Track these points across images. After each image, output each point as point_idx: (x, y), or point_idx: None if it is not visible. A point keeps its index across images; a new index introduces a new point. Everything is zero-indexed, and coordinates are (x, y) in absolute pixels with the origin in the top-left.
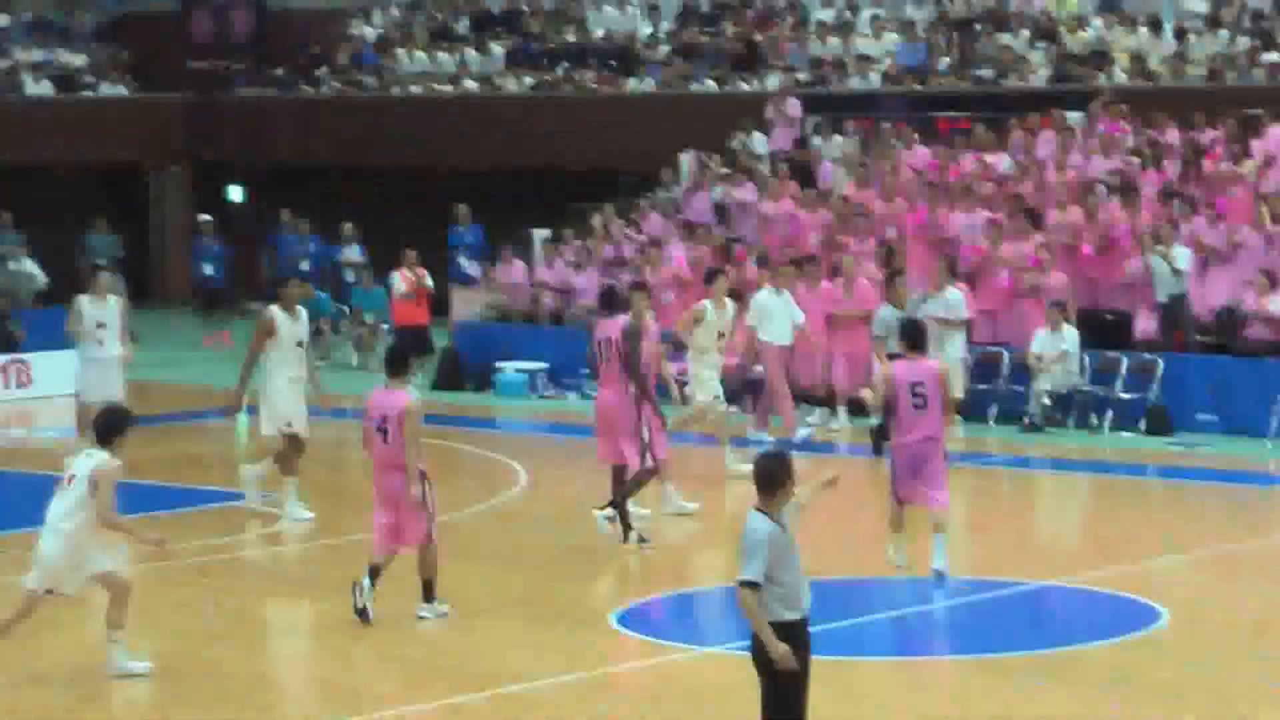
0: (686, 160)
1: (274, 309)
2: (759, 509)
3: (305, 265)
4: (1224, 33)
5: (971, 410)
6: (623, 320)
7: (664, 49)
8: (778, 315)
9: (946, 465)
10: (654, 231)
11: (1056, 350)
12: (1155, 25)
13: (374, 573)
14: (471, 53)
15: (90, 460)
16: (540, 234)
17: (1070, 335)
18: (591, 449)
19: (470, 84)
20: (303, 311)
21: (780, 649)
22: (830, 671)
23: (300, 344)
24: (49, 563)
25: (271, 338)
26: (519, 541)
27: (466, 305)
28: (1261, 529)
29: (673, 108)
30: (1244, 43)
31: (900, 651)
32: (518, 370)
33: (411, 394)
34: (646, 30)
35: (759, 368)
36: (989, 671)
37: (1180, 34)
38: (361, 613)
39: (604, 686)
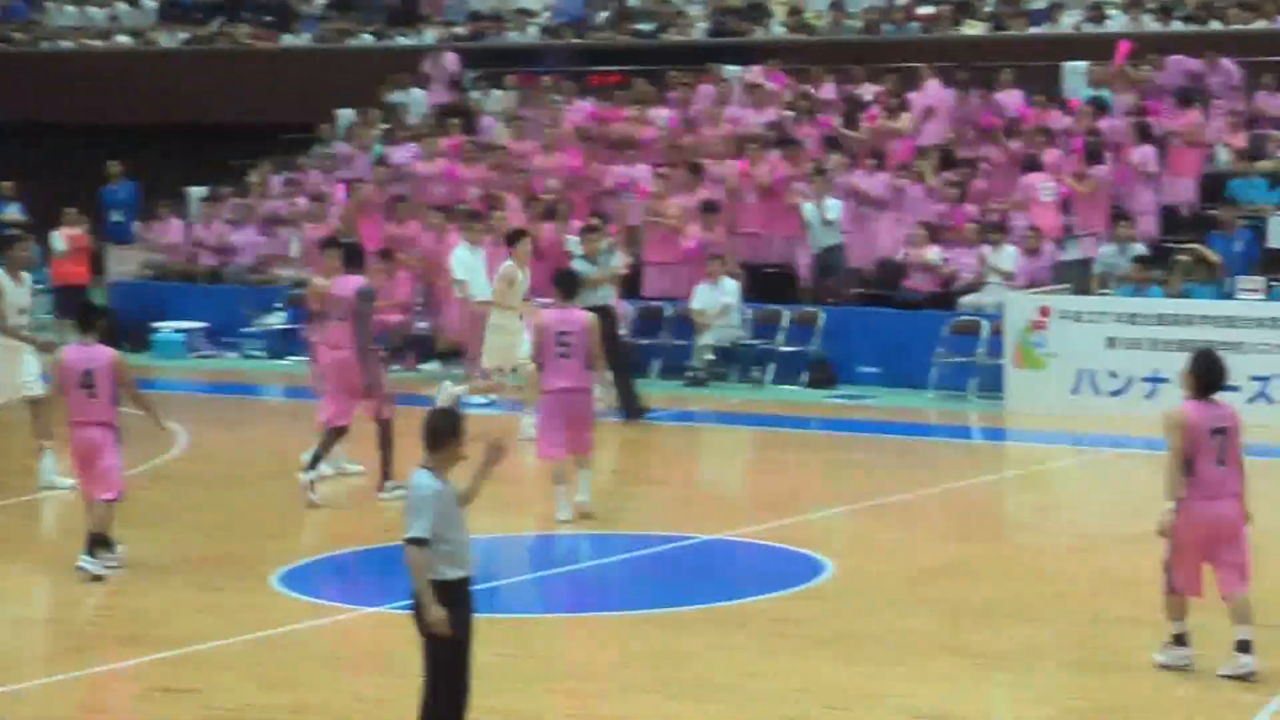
0: (345, 116)
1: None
2: (426, 466)
3: None
4: None
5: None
6: (359, 280)
7: (320, 3)
8: (477, 271)
9: (594, 414)
10: (314, 187)
11: (717, 304)
12: None
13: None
14: (123, 6)
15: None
16: (197, 192)
17: (731, 288)
18: (250, 409)
19: (123, 38)
20: (27, 276)
21: (437, 613)
22: (500, 629)
23: (23, 311)
24: None
25: (2, 301)
26: (180, 503)
27: (122, 264)
28: (924, 480)
29: (330, 62)
30: None
31: (571, 608)
32: (175, 330)
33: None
34: None
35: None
36: (660, 625)
37: None
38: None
39: (266, 647)
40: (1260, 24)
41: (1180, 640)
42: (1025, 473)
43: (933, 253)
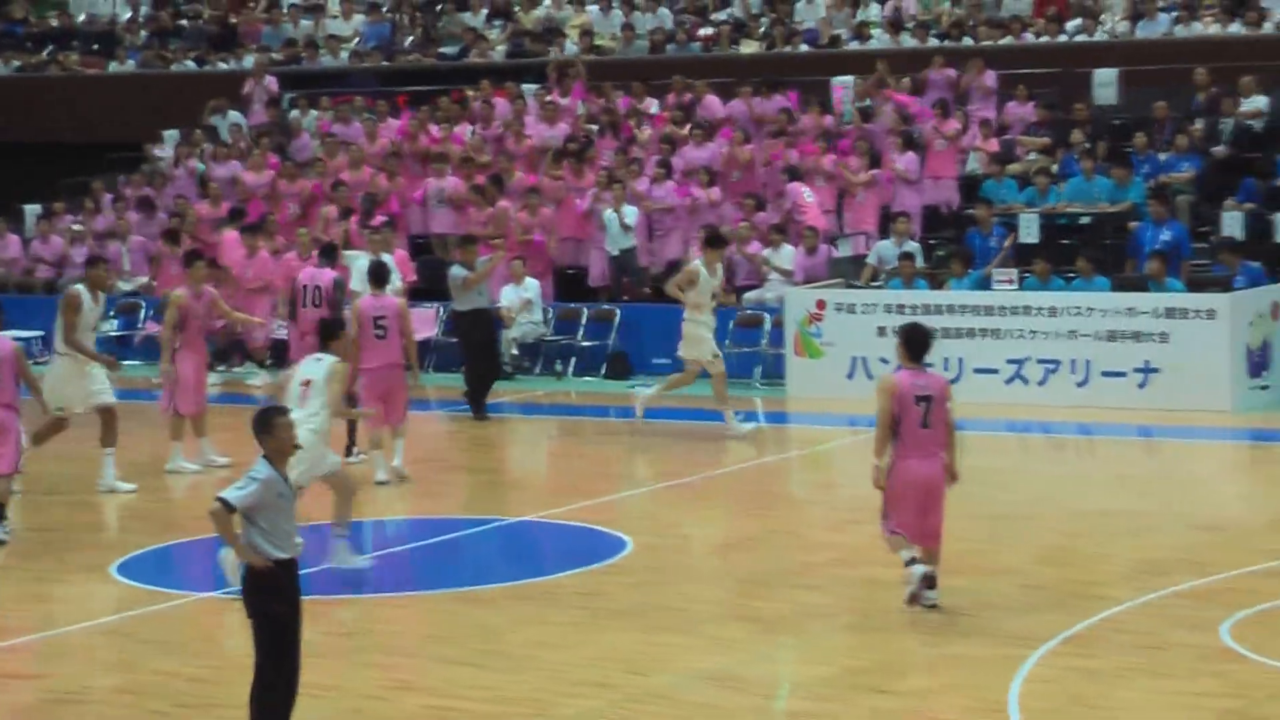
0: (170, 136)
1: (80, 288)
2: (264, 455)
3: None
4: (664, 10)
5: (445, 362)
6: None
7: (144, 33)
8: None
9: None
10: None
11: (521, 301)
12: (605, 2)
13: None
14: None
15: (320, 364)
16: (32, 209)
17: (533, 287)
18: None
19: None
20: (103, 296)
21: (256, 557)
22: (322, 608)
23: (93, 329)
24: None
25: (78, 315)
26: (21, 500)
27: None
28: (714, 462)
29: (153, 86)
30: (685, 19)
31: (389, 588)
32: (15, 338)
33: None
34: (126, 14)
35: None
36: (471, 602)
37: (626, 9)
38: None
39: (106, 634)
40: (1008, 40)
41: (915, 561)
42: (806, 453)
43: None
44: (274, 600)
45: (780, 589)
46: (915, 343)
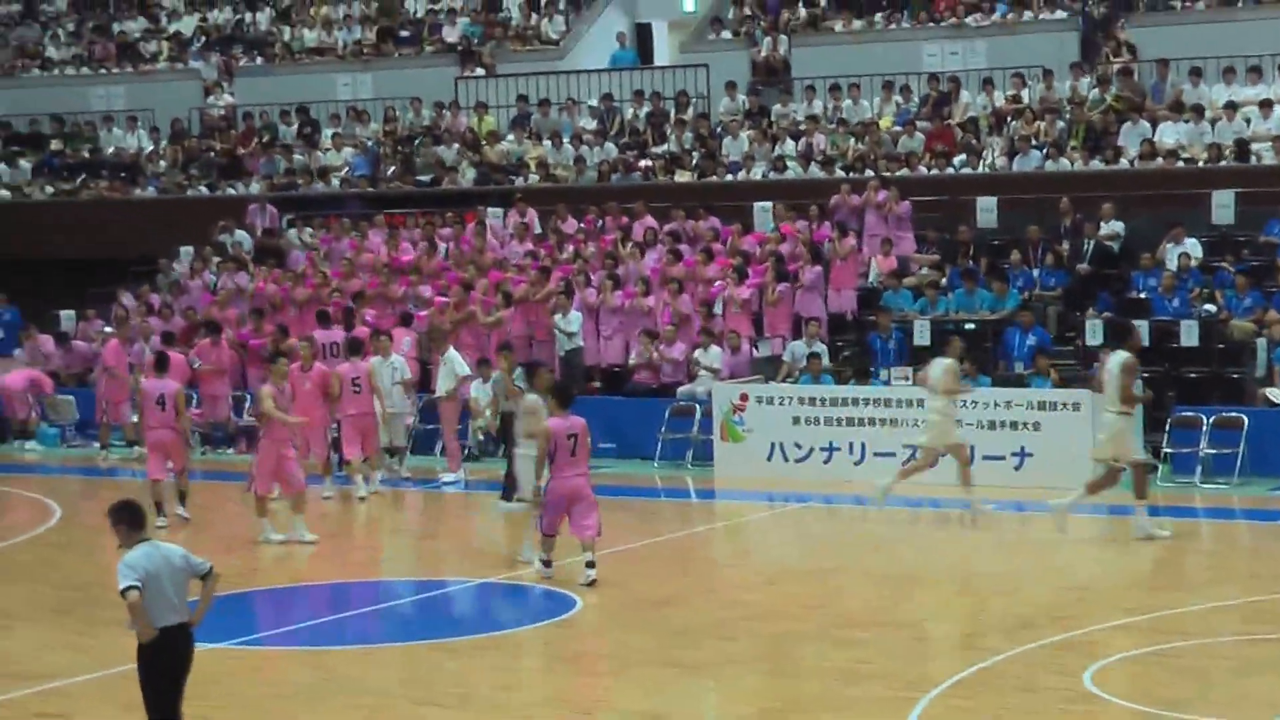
0: (186, 252)
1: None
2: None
3: None
4: (610, 145)
5: (418, 446)
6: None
7: (162, 163)
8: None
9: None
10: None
11: (487, 397)
12: (556, 138)
13: None
14: (2, 166)
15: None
16: (67, 314)
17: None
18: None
19: (3, 192)
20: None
21: (144, 629)
22: (310, 657)
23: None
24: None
25: None
26: (51, 563)
27: (4, 371)
28: (650, 531)
29: (172, 209)
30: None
31: (368, 640)
32: (53, 424)
33: None
34: (149, 147)
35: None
36: (440, 651)
37: (577, 145)
38: None
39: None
40: (904, 172)
41: (547, 564)
42: (729, 524)
43: (659, 350)
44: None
45: (701, 639)
46: (564, 396)
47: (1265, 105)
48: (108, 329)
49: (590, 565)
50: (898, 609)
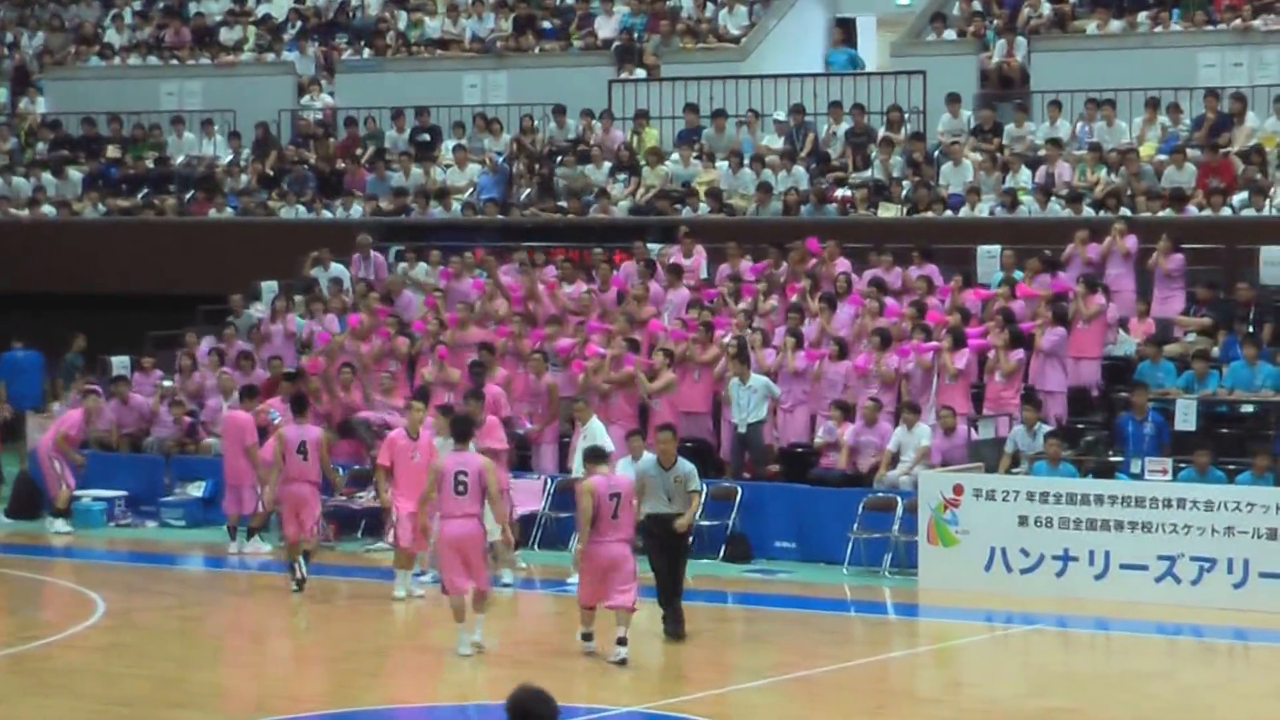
0: (268, 288)
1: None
2: None
3: None
4: (799, 170)
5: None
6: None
7: (244, 177)
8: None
9: None
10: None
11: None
12: (733, 159)
13: None
14: (48, 176)
15: None
16: (119, 361)
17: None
18: (167, 578)
19: (47, 208)
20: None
21: None
22: None
23: None
24: None
25: None
26: (95, 671)
27: (41, 430)
28: (837, 654)
29: (252, 234)
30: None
31: None
32: (95, 498)
33: None
34: (228, 156)
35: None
36: None
37: (758, 168)
38: None
39: None
40: (1168, 213)
41: (588, 637)
42: (936, 649)
43: (849, 432)
44: None
45: None
46: (599, 455)
47: None
48: (167, 382)
49: (621, 642)
50: None
